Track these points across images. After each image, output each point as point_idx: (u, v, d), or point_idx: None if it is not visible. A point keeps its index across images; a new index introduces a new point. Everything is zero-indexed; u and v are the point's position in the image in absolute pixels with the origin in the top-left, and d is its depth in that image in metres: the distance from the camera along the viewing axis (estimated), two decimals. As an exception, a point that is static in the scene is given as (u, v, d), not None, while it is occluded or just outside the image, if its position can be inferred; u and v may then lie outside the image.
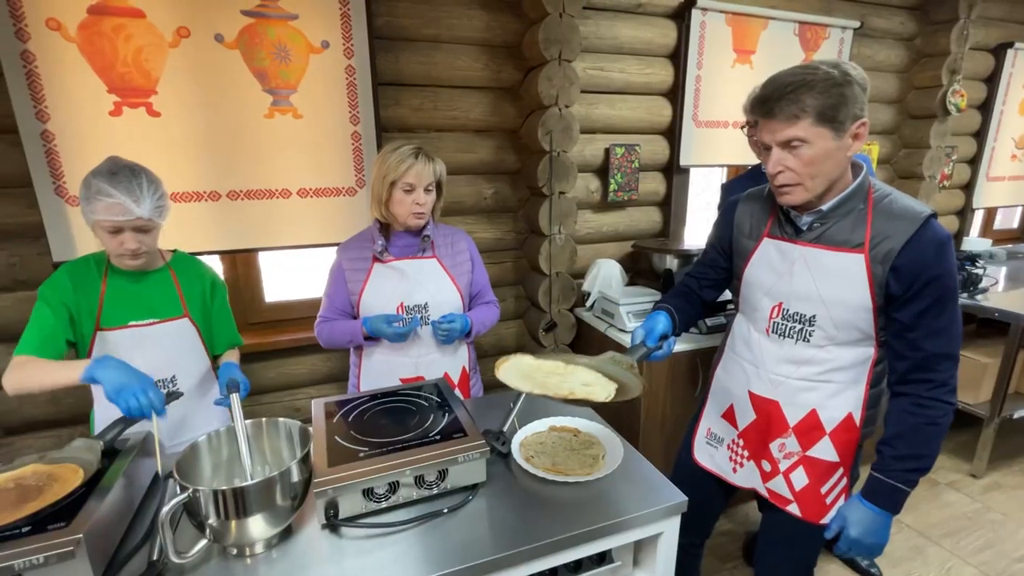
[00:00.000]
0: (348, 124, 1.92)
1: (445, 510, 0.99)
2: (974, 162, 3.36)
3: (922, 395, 0.98)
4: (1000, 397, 2.34)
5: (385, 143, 1.95)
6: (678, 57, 2.37)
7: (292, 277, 2.38)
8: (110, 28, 1.60)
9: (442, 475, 1.01)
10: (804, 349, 1.07)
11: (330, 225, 1.98)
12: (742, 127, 1.71)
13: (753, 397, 1.16)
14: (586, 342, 2.32)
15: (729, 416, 1.23)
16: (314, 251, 2.05)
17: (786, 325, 1.08)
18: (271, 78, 1.80)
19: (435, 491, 1.01)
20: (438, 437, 1.05)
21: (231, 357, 1.47)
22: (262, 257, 2.07)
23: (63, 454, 0.97)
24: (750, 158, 2.67)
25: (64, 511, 0.82)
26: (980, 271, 2.48)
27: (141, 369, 1.26)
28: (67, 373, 1.10)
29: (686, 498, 1.03)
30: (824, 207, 1.01)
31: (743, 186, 1.33)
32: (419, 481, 0.99)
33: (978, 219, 3.65)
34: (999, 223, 3.83)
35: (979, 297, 2.45)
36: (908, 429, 0.98)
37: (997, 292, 2.55)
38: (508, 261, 2.35)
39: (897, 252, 0.94)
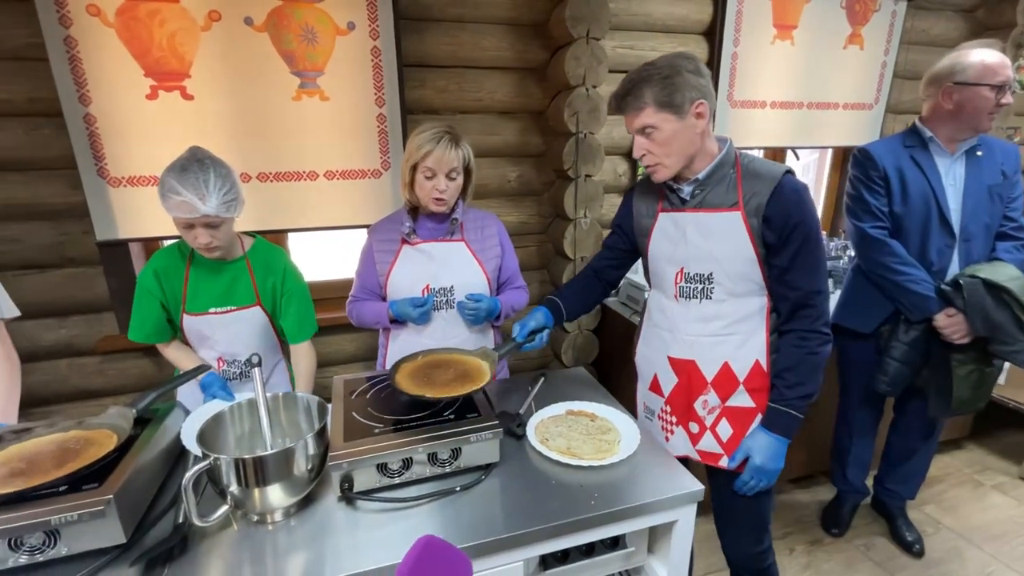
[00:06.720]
0: (374, 106, 1.93)
1: (458, 488, 1.00)
2: (1039, 144, 3.11)
3: (804, 329, 1.12)
4: (1056, 396, 2.19)
5: (411, 125, 1.95)
6: (713, 34, 2.27)
7: (318, 258, 2.43)
8: (145, 13, 1.65)
9: (455, 454, 1.02)
10: (709, 306, 1.18)
11: (356, 207, 2.01)
12: None
13: (673, 361, 1.26)
14: (611, 329, 2.29)
15: (655, 386, 1.32)
16: (340, 232, 2.08)
17: (690, 287, 1.19)
18: (298, 60, 1.82)
19: (448, 469, 1.02)
20: (452, 416, 1.06)
21: (305, 360, 1.51)
22: (291, 238, 2.12)
23: (99, 420, 1.02)
24: (787, 140, 2.56)
25: (98, 473, 0.87)
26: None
27: (219, 351, 1.41)
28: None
29: (703, 487, 1.02)
30: (700, 176, 1.14)
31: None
32: (432, 459, 1.01)
33: (1042, 206, 3.40)
34: (1066, 211, 3.55)
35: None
36: (795, 362, 1.12)
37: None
38: (532, 245, 2.33)
39: (765, 204, 1.08)
